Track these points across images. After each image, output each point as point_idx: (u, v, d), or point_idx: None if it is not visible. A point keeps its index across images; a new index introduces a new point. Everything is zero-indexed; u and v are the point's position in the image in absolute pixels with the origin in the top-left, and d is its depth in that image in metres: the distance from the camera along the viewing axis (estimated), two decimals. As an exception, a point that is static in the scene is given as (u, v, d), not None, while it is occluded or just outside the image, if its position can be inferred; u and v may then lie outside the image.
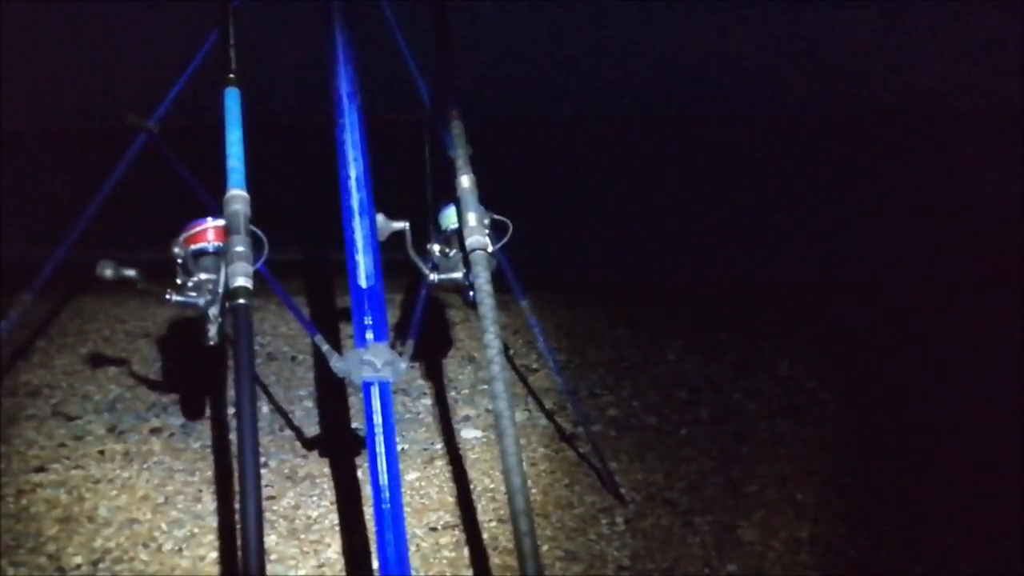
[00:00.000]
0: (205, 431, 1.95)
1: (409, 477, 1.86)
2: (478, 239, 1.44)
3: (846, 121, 2.99)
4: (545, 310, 2.29)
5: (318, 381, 2.10)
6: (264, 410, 2.01)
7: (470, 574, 1.67)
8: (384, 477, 1.34)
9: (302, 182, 2.14)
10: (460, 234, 1.47)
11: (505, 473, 1.25)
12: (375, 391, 1.40)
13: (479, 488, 1.85)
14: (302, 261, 2.39)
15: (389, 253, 1.52)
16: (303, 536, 1.73)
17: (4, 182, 2.60)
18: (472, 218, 1.47)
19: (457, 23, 1.70)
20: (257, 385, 2.06)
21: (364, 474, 1.83)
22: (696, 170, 2.86)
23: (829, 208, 2.72)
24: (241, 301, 1.29)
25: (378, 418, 1.38)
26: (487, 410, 2.03)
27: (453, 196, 1.51)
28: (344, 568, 1.67)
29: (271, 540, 1.71)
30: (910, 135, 2.94)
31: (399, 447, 1.91)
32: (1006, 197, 2.72)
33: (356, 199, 1.54)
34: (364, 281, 1.49)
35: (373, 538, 1.66)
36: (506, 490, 1.25)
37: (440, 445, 1.95)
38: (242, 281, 1.30)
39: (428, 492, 1.83)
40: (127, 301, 2.32)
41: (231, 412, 1.97)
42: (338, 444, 1.93)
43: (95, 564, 1.66)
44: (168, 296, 1.39)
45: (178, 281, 1.41)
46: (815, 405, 2.09)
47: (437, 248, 1.53)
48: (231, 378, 2.00)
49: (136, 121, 1.71)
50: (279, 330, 2.26)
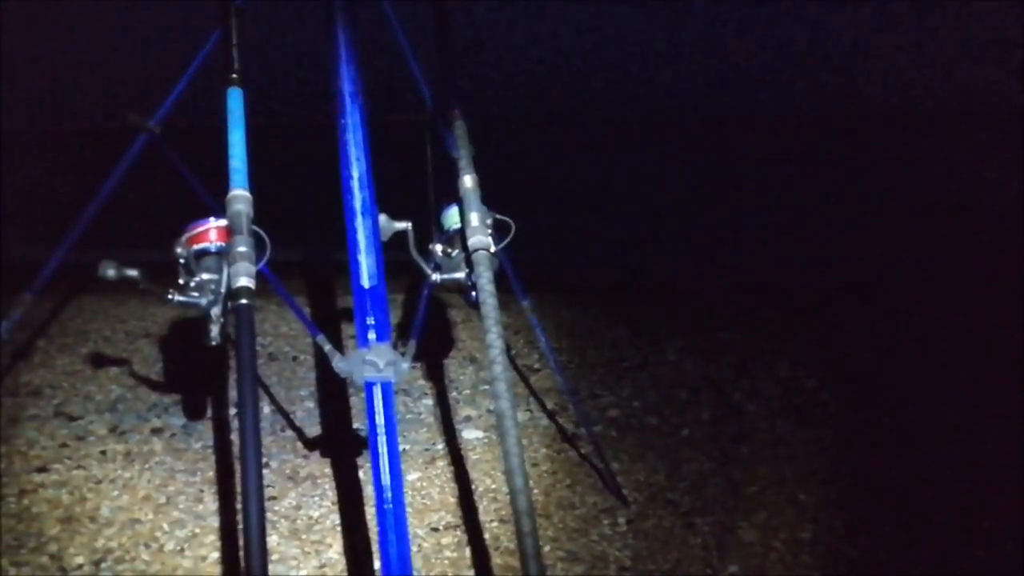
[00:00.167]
0: (207, 431, 1.95)
1: (411, 477, 1.86)
2: (480, 239, 1.44)
3: (846, 121, 2.99)
4: (546, 310, 2.29)
5: (320, 381, 2.10)
6: (266, 410, 2.01)
7: (472, 574, 1.67)
8: (386, 477, 1.34)
9: (304, 182, 2.14)
10: (462, 234, 1.47)
11: (507, 474, 1.25)
12: (377, 391, 1.40)
13: (481, 488, 1.85)
14: (304, 261, 2.39)
15: (391, 253, 1.52)
16: (305, 536, 1.73)
17: (4, 182, 2.60)
18: (474, 218, 1.47)
19: (459, 23, 1.70)
20: (259, 385, 2.06)
21: (366, 474, 1.83)
22: (696, 170, 2.86)
23: (829, 208, 2.73)
24: (243, 301, 1.29)
25: (380, 418, 1.38)
26: (489, 410, 2.03)
27: (455, 196, 1.51)
28: (345, 568, 1.67)
29: (273, 540, 1.71)
30: (910, 135, 2.94)
31: (401, 447, 1.91)
32: (1006, 197, 2.72)
33: (358, 199, 1.53)
34: (366, 281, 1.49)
35: (375, 538, 1.66)
36: (508, 490, 1.25)
37: (442, 445, 1.95)
38: (244, 281, 1.30)
39: (430, 492, 1.84)
40: (128, 301, 2.32)
41: (232, 412, 1.97)
42: (340, 444, 1.93)
43: (97, 564, 1.66)
44: (170, 296, 1.39)
45: (180, 281, 1.41)
46: (815, 405, 2.09)
47: (439, 248, 1.53)
48: (233, 378, 2.00)
49: (137, 121, 1.71)
50: (281, 330, 2.26)
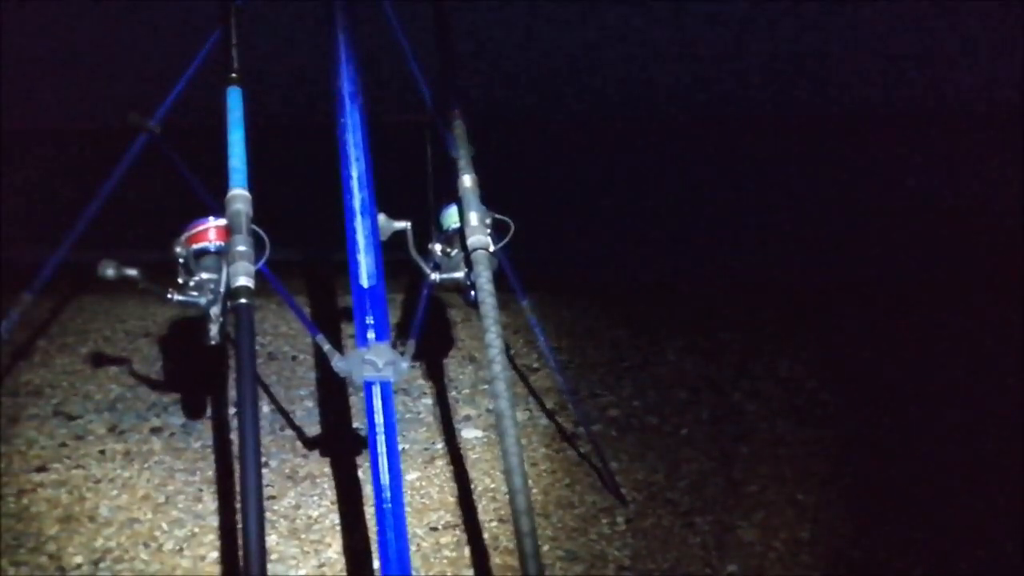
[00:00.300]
0: (206, 431, 1.95)
1: (410, 477, 1.86)
2: (480, 239, 1.45)
3: (847, 121, 2.99)
4: (546, 310, 2.29)
5: (319, 381, 2.10)
6: (265, 410, 2.01)
7: (471, 574, 1.67)
8: (385, 477, 1.34)
9: (304, 182, 2.14)
10: (462, 234, 1.48)
11: (506, 473, 1.25)
12: (376, 391, 1.40)
13: (480, 488, 1.85)
14: (304, 261, 2.39)
15: (391, 253, 1.52)
16: (304, 536, 1.73)
17: (4, 182, 2.60)
18: (474, 217, 1.47)
19: (458, 23, 1.70)
20: (258, 385, 2.06)
21: (365, 474, 1.83)
22: (696, 170, 2.86)
23: (829, 208, 2.72)
24: (243, 300, 1.29)
25: (379, 418, 1.38)
26: (488, 410, 2.03)
27: (455, 196, 1.51)
28: (345, 568, 1.67)
29: (272, 540, 1.71)
30: (910, 135, 2.94)
31: (400, 447, 1.91)
32: (1006, 197, 2.72)
33: (358, 199, 1.54)
34: (366, 281, 1.49)
35: (374, 538, 1.66)
36: (507, 490, 1.25)
37: (441, 445, 1.95)
38: (243, 280, 1.30)
39: (429, 492, 1.84)
40: (128, 301, 2.32)
41: (232, 412, 1.97)
42: (339, 444, 1.93)
43: (96, 564, 1.66)
44: (170, 295, 1.39)
45: (180, 280, 1.42)
46: (815, 405, 2.09)
47: (439, 248, 1.53)
48: (232, 378, 2.00)
49: (137, 121, 1.71)
50: (280, 330, 2.26)
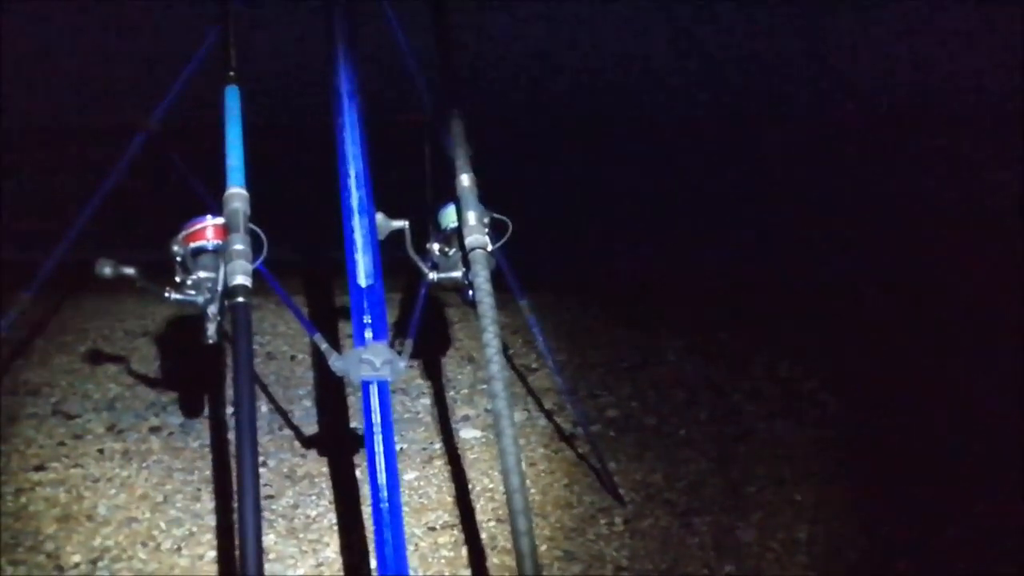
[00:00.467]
0: (204, 430, 1.95)
1: (408, 477, 1.86)
2: (477, 238, 1.44)
3: (847, 121, 2.99)
4: (545, 310, 2.27)
5: (317, 380, 2.10)
6: (263, 409, 2.01)
7: (468, 574, 1.67)
8: (382, 476, 1.34)
9: (302, 181, 2.14)
10: (460, 233, 1.47)
11: (503, 473, 1.25)
12: (374, 390, 1.40)
13: (478, 488, 1.85)
14: (301, 260, 2.39)
15: (391, 252, 1.52)
16: (302, 535, 1.73)
17: (4, 182, 2.60)
18: (472, 217, 1.47)
19: (457, 22, 1.70)
20: (256, 384, 2.05)
21: (363, 473, 1.83)
22: (696, 170, 2.86)
23: (829, 208, 2.72)
24: (240, 299, 1.29)
25: (376, 417, 1.38)
26: (486, 410, 2.03)
27: (453, 195, 1.51)
28: (342, 567, 1.67)
29: (270, 539, 1.71)
30: (910, 135, 2.94)
31: (398, 447, 1.91)
32: (1006, 198, 2.72)
33: (355, 198, 1.53)
34: (363, 280, 1.48)
35: (372, 537, 1.66)
36: (504, 490, 1.24)
37: (439, 445, 1.95)
38: (241, 279, 1.30)
39: (427, 492, 1.83)
40: (126, 300, 2.32)
41: (230, 411, 1.97)
42: (337, 443, 1.93)
43: (94, 563, 1.66)
44: (167, 294, 1.38)
45: (177, 279, 1.41)
46: (814, 406, 2.09)
47: (436, 247, 1.53)
48: (230, 377, 2.00)
49: (136, 119, 1.71)
50: (278, 329, 2.26)
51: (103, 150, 1.81)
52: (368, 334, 1.45)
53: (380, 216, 1.52)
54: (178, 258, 1.42)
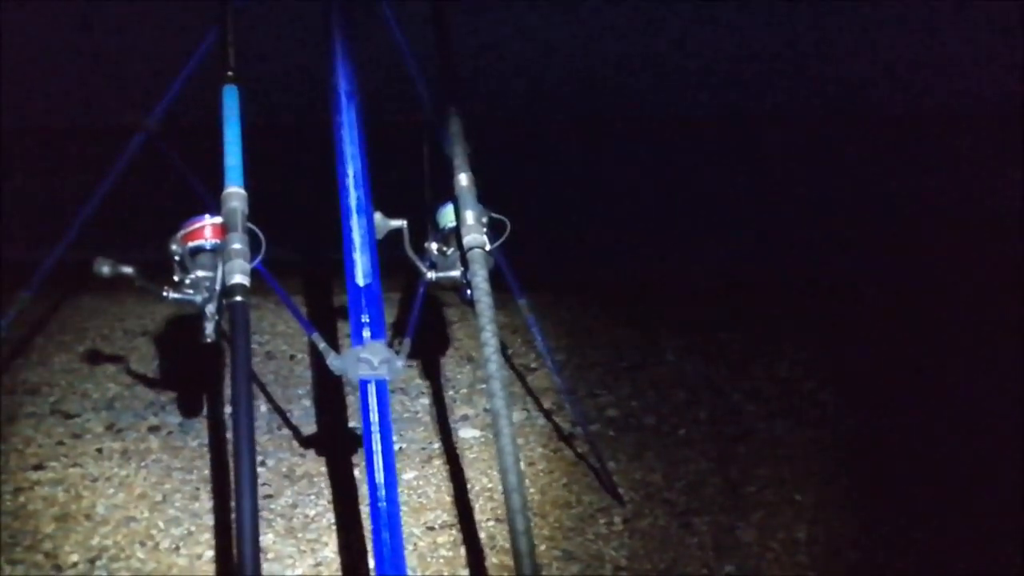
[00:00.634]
0: (203, 429, 1.95)
1: (407, 476, 1.86)
2: (476, 237, 1.44)
3: (847, 122, 2.98)
4: (544, 309, 2.28)
5: (316, 380, 2.10)
6: (262, 409, 2.01)
7: (467, 573, 1.67)
8: (380, 476, 1.34)
9: (300, 180, 2.14)
10: (458, 232, 1.47)
11: (501, 472, 1.25)
12: (372, 389, 1.40)
13: (477, 487, 1.84)
14: (300, 259, 2.39)
15: (391, 252, 1.52)
16: (300, 535, 1.73)
17: (4, 182, 2.60)
18: (470, 216, 1.46)
19: (456, 21, 1.70)
20: (255, 384, 2.05)
21: (362, 473, 1.83)
22: (696, 170, 2.85)
23: (829, 208, 2.72)
24: (238, 298, 1.29)
25: (375, 416, 1.38)
26: (485, 409, 2.03)
27: (451, 194, 1.51)
28: (341, 567, 1.67)
29: (268, 538, 1.71)
30: (911, 136, 2.94)
31: (397, 446, 1.91)
32: (1007, 198, 2.72)
33: (354, 197, 1.53)
34: (361, 279, 1.48)
35: (370, 537, 1.66)
36: (503, 489, 1.24)
37: (438, 444, 1.95)
38: (239, 278, 1.30)
39: (426, 491, 1.83)
40: (126, 299, 2.32)
41: (229, 410, 1.97)
42: (336, 443, 1.93)
43: (92, 562, 1.66)
44: (165, 293, 1.39)
45: (175, 278, 1.41)
46: (814, 406, 2.09)
47: (435, 246, 1.53)
48: (229, 376, 1.99)
49: (134, 119, 1.71)
50: (277, 329, 2.26)
51: (103, 150, 1.81)
52: (366, 333, 1.45)
53: (378, 215, 1.52)
54: (176, 257, 1.42)
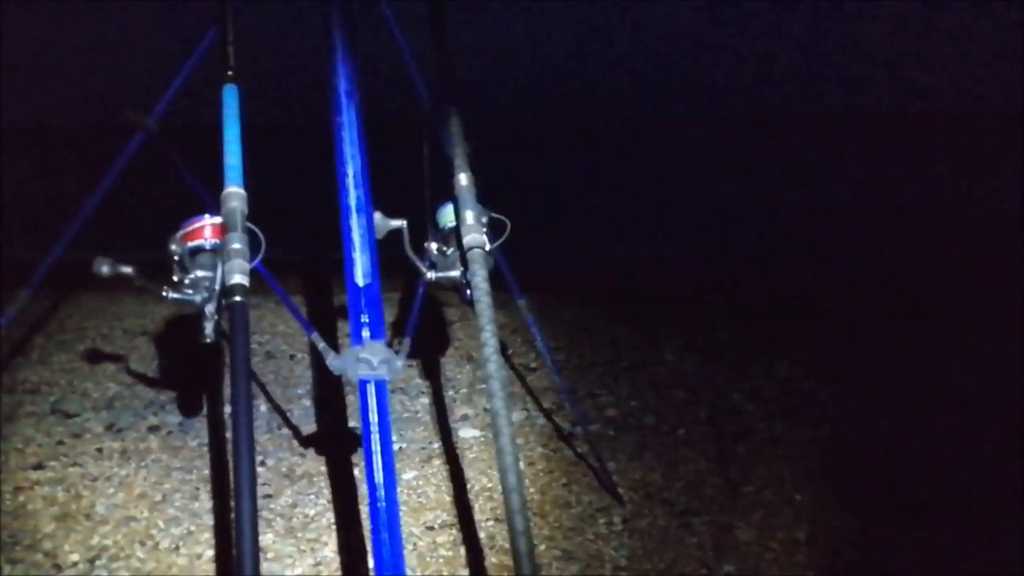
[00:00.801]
0: (203, 429, 1.95)
1: (407, 476, 1.86)
2: (475, 237, 1.44)
3: (846, 122, 2.99)
4: (544, 309, 2.28)
5: (316, 380, 2.10)
6: (262, 408, 2.01)
7: (467, 573, 1.67)
8: (379, 475, 1.34)
9: (300, 180, 2.14)
10: (458, 232, 1.47)
11: (501, 472, 1.25)
12: (371, 389, 1.40)
13: (477, 487, 1.84)
14: (300, 259, 2.39)
15: (391, 251, 1.52)
16: (300, 534, 1.73)
17: (4, 182, 2.60)
18: (470, 216, 1.46)
19: (456, 21, 1.70)
20: (255, 383, 2.06)
21: (361, 472, 1.83)
22: (696, 169, 2.86)
23: (829, 208, 2.72)
24: (237, 298, 1.29)
25: (374, 416, 1.38)
26: (485, 409, 2.03)
27: (451, 194, 1.51)
28: (341, 567, 1.67)
29: (268, 538, 1.71)
30: (910, 136, 2.94)
31: (397, 446, 1.91)
32: (1006, 199, 2.72)
33: (353, 197, 1.53)
34: (361, 279, 1.48)
35: (370, 537, 1.66)
36: (502, 489, 1.24)
37: (438, 444, 1.95)
38: (238, 278, 1.30)
39: (426, 491, 1.83)
40: (126, 299, 2.32)
41: (229, 410, 1.97)
42: (336, 443, 1.93)
43: (92, 562, 1.66)
44: (165, 293, 1.39)
45: (175, 278, 1.41)
46: (814, 406, 2.09)
47: (435, 246, 1.53)
48: (229, 376, 1.99)
49: (134, 118, 1.71)
50: (277, 328, 2.26)
51: (103, 150, 1.80)
52: (366, 333, 1.45)
53: (378, 215, 1.52)
54: (176, 257, 1.42)
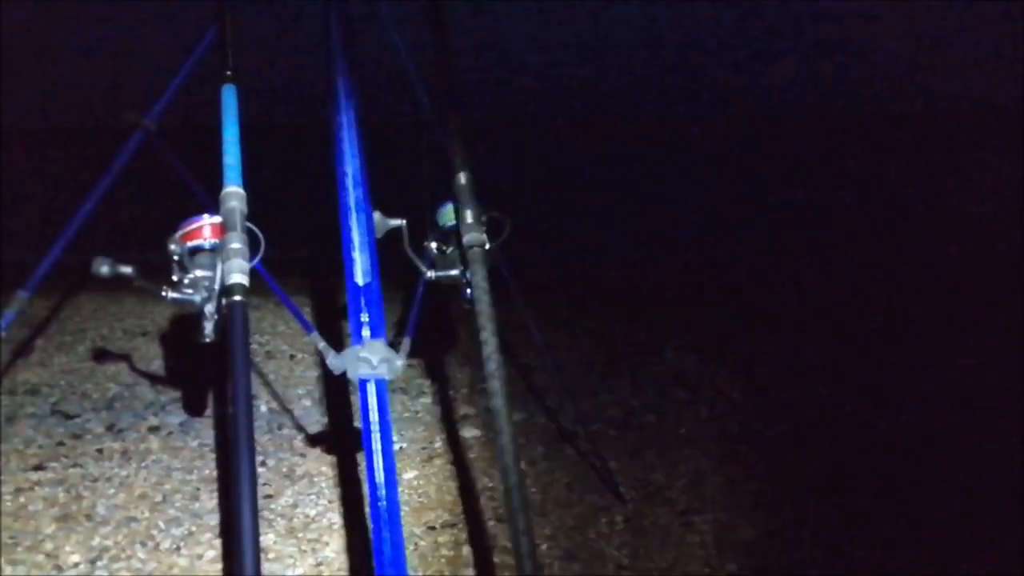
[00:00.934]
0: (203, 429, 1.95)
1: (408, 476, 1.86)
2: (475, 236, 1.44)
3: (846, 122, 2.99)
4: (545, 308, 2.28)
5: (317, 379, 2.10)
6: (263, 408, 2.01)
7: (468, 573, 1.66)
8: (380, 475, 1.34)
9: (299, 180, 2.14)
10: (457, 231, 1.47)
11: (501, 471, 1.25)
12: (371, 388, 1.40)
13: (478, 487, 1.84)
14: (300, 259, 2.39)
15: (391, 251, 1.52)
16: (301, 535, 1.73)
17: (4, 182, 2.60)
18: (469, 215, 1.46)
19: (456, 21, 1.70)
20: (256, 383, 2.05)
21: (363, 472, 1.82)
22: (696, 170, 2.86)
23: (829, 208, 2.72)
24: (237, 298, 1.29)
25: (374, 416, 1.38)
26: (486, 408, 2.02)
27: (451, 193, 1.51)
28: (342, 567, 1.66)
29: (269, 538, 1.71)
30: (911, 137, 2.94)
31: (397, 446, 1.91)
32: (1006, 199, 2.72)
33: (352, 196, 1.53)
34: (361, 278, 1.48)
35: (371, 537, 1.66)
36: (503, 488, 1.24)
37: (439, 444, 1.95)
38: (238, 278, 1.30)
39: (427, 491, 1.83)
40: (125, 299, 2.32)
41: (229, 410, 1.96)
42: (337, 443, 1.93)
43: (93, 562, 1.66)
44: (164, 293, 1.38)
45: (174, 278, 1.41)
46: (814, 405, 2.08)
47: (434, 245, 1.53)
48: (229, 376, 1.99)
49: (133, 118, 1.71)
50: (278, 328, 2.26)
51: (102, 150, 1.80)
52: (366, 332, 1.44)
53: (377, 214, 1.52)
54: (175, 257, 1.42)
